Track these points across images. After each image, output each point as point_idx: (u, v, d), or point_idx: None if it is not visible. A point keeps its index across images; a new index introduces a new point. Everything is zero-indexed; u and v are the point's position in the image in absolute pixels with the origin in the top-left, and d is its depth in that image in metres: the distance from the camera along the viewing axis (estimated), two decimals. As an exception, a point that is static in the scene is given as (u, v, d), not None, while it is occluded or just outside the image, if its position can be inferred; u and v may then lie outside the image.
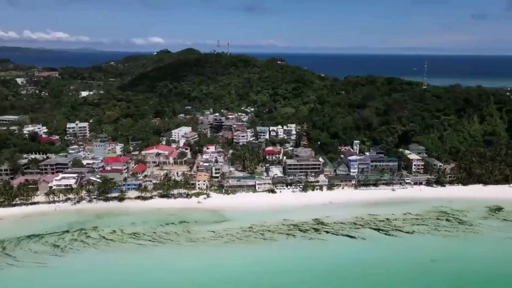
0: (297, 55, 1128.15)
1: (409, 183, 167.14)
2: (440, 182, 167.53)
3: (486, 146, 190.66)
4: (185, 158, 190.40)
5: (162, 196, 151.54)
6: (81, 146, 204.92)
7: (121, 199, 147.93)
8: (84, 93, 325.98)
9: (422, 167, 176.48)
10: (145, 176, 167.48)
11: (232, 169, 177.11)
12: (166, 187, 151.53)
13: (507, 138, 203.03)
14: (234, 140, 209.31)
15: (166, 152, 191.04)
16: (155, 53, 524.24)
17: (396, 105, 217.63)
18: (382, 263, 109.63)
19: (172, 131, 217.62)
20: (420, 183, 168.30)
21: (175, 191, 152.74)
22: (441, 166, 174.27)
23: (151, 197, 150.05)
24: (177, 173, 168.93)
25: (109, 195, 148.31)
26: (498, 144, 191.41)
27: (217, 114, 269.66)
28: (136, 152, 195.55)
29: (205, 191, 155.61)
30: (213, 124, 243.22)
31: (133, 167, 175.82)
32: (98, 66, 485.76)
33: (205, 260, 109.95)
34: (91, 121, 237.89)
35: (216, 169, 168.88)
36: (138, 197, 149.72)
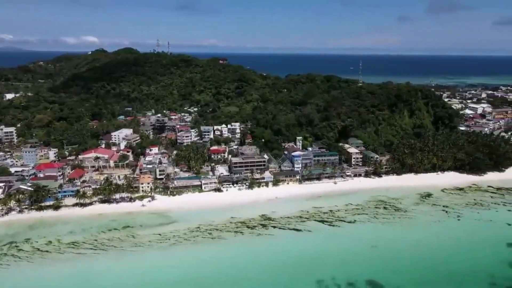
0: (238, 54, 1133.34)
1: (349, 176, 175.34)
2: (377, 173, 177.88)
3: (416, 138, 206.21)
4: (127, 161, 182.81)
5: (103, 201, 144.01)
6: (8, 153, 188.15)
7: (56, 207, 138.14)
8: (9, 96, 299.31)
9: (361, 159, 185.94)
10: (84, 181, 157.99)
11: (177, 170, 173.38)
12: (107, 192, 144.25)
13: (433, 130, 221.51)
14: (178, 141, 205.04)
15: (106, 156, 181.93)
16: (90, 52, 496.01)
17: (335, 102, 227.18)
18: (327, 252, 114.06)
19: (112, 134, 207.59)
20: (360, 175, 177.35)
21: (117, 196, 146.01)
22: (377, 158, 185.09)
23: (90, 203, 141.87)
24: (119, 176, 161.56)
25: (42, 204, 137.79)
26: (426, 136, 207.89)
27: (159, 115, 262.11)
28: (73, 157, 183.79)
29: (149, 194, 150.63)
30: (156, 125, 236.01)
31: (69, 172, 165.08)
32: (25, 67, 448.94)
33: (152, 264, 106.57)
34: (18, 125, 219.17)
35: (160, 171, 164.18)
36: (76, 204, 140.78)
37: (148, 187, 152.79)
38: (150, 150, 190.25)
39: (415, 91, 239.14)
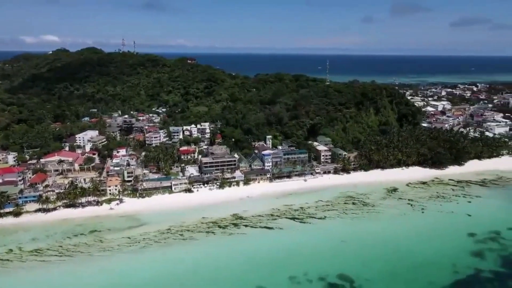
0: (207, 54, 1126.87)
1: (319, 173, 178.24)
2: (345, 170, 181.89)
3: (381, 135, 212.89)
4: (93, 164, 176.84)
5: (68, 206, 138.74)
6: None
7: (17, 213, 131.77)
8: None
9: (330, 157, 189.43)
10: (46, 186, 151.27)
11: (146, 171, 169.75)
12: (72, 196, 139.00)
13: (398, 127, 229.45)
14: (147, 142, 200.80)
15: (70, 159, 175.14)
16: (51, 52, 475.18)
17: (303, 101, 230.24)
18: (298, 249, 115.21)
19: (76, 136, 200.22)
20: (329, 172, 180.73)
21: (83, 199, 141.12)
22: (345, 155, 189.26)
23: (54, 209, 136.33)
24: (85, 180, 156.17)
25: (1, 211, 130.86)
26: (391, 132, 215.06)
27: (126, 116, 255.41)
28: (34, 161, 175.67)
29: (117, 197, 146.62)
30: (123, 127, 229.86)
31: (30, 177, 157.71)
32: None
33: (121, 268, 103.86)
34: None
35: (128, 173, 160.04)
36: (39, 210, 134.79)
37: (116, 189, 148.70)
38: (118, 152, 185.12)
39: (380, 90, 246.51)
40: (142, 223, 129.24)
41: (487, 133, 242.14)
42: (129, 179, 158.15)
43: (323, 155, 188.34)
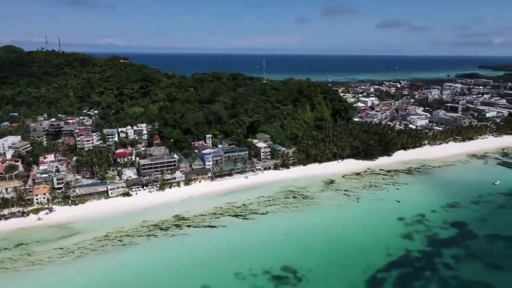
0: (140, 54, 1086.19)
1: (259, 169, 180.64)
2: (285, 165, 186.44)
3: (317, 130, 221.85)
4: (16, 172, 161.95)
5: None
6: None
7: None
8: None
9: (269, 153, 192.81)
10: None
11: (78, 177, 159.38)
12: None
13: (332, 122, 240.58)
14: (78, 146, 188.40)
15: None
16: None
17: (241, 99, 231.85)
18: (242, 245, 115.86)
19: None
20: (269, 168, 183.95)
21: (6, 211, 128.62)
22: (284, 151, 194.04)
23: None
24: (7, 189, 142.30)
25: None
26: (326, 127, 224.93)
27: (53, 119, 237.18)
28: None
29: (46, 206, 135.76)
30: (50, 131, 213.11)
31: None
32: None
33: (53, 281, 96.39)
34: None
35: (58, 179, 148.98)
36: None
37: (44, 198, 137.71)
38: (45, 157, 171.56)
39: (315, 87, 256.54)
40: (76, 232, 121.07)
41: (410, 126, 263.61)
42: (60, 186, 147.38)
43: (263, 152, 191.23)
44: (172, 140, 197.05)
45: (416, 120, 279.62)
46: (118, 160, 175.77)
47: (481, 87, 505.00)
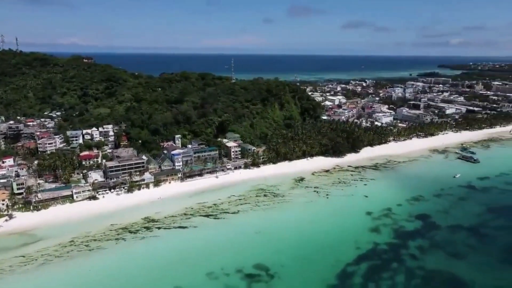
0: (105, 54, 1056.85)
1: (230, 169, 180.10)
2: (255, 164, 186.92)
3: (287, 129, 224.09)
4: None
5: None
6: None
7: None
8: None
9: (239, 152, 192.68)
10: None
11: (40, 181, 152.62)
12: None
13: (301, 120, 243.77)
14: (40, 149, 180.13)
15: None
16: None
17: (210, 98, 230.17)
18: (214, 245, 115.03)
19: None
20: (240, 167, 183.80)
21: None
22: (254, 150, 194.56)
23: None
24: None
25: None
26: (295, 126, 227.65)
27: (11, 122, 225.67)
28: None
29: (5, 212, 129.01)
30: (8, 134, 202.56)
31: None
32: None
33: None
34: None
35: (18, 185, 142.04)
36: None
37: (3, 204, 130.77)
38: (3, 162, 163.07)
39: (284, 86, 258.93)
40: (39, 239, 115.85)
41: (376, 123, 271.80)
42: (20, 191, 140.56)
43: (233, 151, 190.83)
44: (140, 141, 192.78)
45: (382, 118, 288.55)
46: (84, 162, 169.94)
47: (440, 85, 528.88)
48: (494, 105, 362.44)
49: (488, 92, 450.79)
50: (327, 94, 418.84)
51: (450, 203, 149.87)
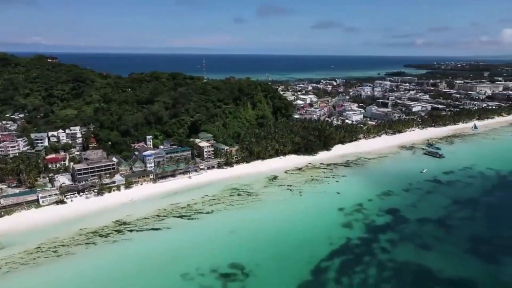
0: (71, 54, 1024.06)
1: (203, 169, 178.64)
2: (228, 163, 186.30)
3: (259, 128, 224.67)
4: None
5: None
6: None
7: None
8: None
9: (212, 152, 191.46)
10: None
11: (3, 186, 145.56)
12: None
13: (273, 119, 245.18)
14: (1, 153, 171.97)
15: None
16: None
17: (182, 98, 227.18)
18: (189, 246, 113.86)
19: None
20: (213, 167, 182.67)
21: None
22: (227, 149, 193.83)
23: None
24: None
25: None
26: (268, 125, 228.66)
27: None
28: None
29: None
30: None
31: None
32: None
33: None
34: None
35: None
36: None
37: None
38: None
39: (255, 85, 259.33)
40: (2, 246, 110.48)
41: (347, 121, 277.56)
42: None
43: (206, 151, 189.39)
44: (109, 142, 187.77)
45: (352, 116, 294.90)
46: (50, 166, 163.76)
47: (407, 84, 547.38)
48: (457, 103, 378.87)
49: (451, 90, 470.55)
50: (299, 93, 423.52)
51: (418, 197, 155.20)
